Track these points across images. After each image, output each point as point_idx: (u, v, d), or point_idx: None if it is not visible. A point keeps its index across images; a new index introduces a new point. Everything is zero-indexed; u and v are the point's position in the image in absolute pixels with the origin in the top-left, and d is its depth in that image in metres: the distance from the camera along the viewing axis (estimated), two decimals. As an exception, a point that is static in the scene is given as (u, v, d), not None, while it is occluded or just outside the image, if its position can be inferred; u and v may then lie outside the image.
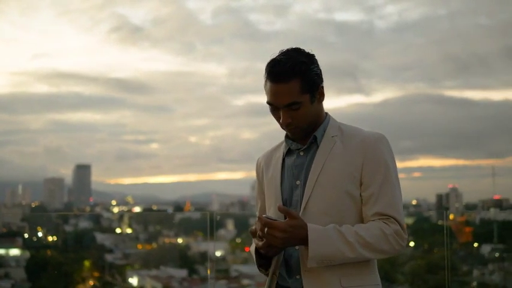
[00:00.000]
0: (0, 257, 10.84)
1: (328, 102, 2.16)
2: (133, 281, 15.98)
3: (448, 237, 5.66)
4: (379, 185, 2.03)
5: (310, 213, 2.03)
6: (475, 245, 11.28)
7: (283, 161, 2.20)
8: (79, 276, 11.75)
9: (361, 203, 2.06)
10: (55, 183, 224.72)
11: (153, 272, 16.43)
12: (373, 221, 2.02)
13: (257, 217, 2.34)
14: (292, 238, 1.94)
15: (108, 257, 15.84)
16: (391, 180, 2.06)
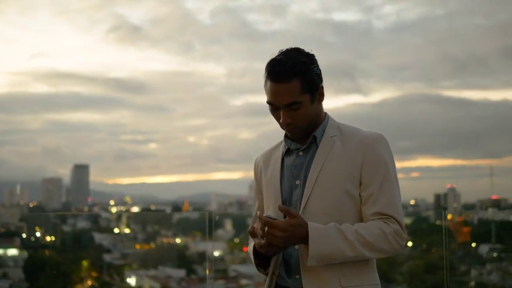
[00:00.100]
0: (-1, 257, 10.83)
1: (326, 102, 2.17)
2: (131, 281, 15.96)
3: (446, 237, 5.66)
4: (378, 185, 2.04)
5: (310, 213, 2.02)
6: (473, 245, 11.29)
7: (283, 160, 2.20)
8: (77, 276, 11.74)
9: (360, 203, 2.06)
10: (53, 183, 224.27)
11: (151, 272, 16.42)
12: (373, 220, 2.02)
13: (253, 217, 2.35)
14: (293, 237, 1.94)
15: (106, 257, 15.82)
16: (390, 180, 2.06)
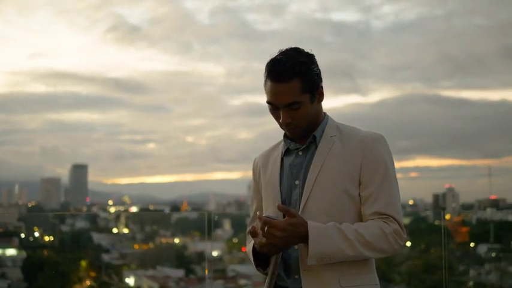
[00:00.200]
0: (-3, 257, 10.81)
1: (325, 102, 2.15)
2: (130, 281, 15.95)
3: (445, 237, 5.66)
4: (378, 185, 2.04)
5: (309, 213, 2.02)
6: (472, 244, 11.29)
7: (282, 160, 2.20)
8: (76, 276, 11.72)
9: (360, 203, 2.06)
10: (52, 183, 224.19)
11: (150, 272, 16.42)
12: (373, 220, 2.02)
13: (251, 217, 2.35)
14: (292, 236, 1.94)
15: (105, 257, 15.81)
16: (390, 180, 2.06)
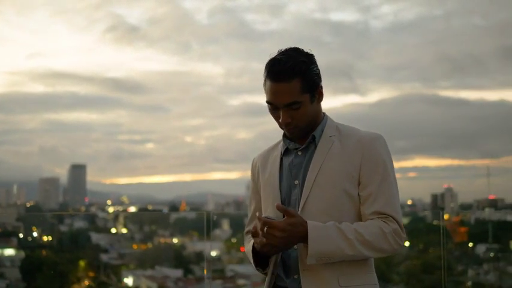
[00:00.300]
0: (-5, 257, 10.80)
1: (324, 102, 2.16)
2: (128, 281, 15.95)
3: (444, 237, 5.66)
4: (377, 185, 2.04)
5: (309, 213, 2.02)
6: (470, 244, 11.30)
7: (281, 160, 2.20)
8: (74, 276, 11.72)
9: (359, 203, 2.07)
10: (50, 183, 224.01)
11: (148, 272, 16.41)
12: (372, 219, 2.02)
13: (249, 218, 2.35)
14: (292, 236, 1.94)
15: (104, 257, 15.81)
16: (389, 179, 2.06)
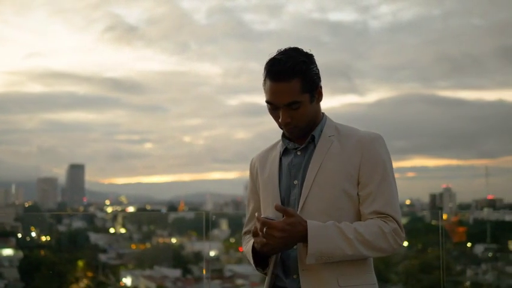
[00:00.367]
0: (-6, 257, 10.79)
1: (322, 102, 2.16)
2: (127, 281, 15.96)
3: (442, 237, 5.66)
4: (376, 184, 2.04)
5: (308, 213, 2.02)
6: (469, 244, 11.30)
7: (280, 160, 2.20)
8: (73, 276, 11.73)
9: (358, 202, 2.07)
10: (48, 183, 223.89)
11: (147, 272, 16.41)
12: (372, 219, 2.02)
13: (247, 218, 2.35)
14: (292, 236, 1.93)
15: (102, 257, 15.82)
16: (388, 179, 2.07)
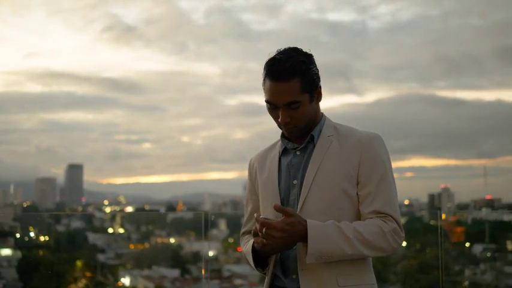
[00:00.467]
0: (-8, 257, 10.78)
1: (321, 102, 2.16)
2: (125, 281, 15.96)
3: (441, 237, 5.66)
4: (376, 184, 2.04)
5: (307, 213, 2.02)
6: (467, 244, 11.31)
7: (279, 160, 2.20)
8: (71, 276, 11.72)
9: (357, 202, 2.07)
10: (47, 183, 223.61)
11: (146, 272, 16.44)
12: (371, 218, 2.02)
13: (245, 218, 2.34)
14: (291, 236, 1.93)
15: (101, 257, 15.83)
16: (387, 179, 2.07)
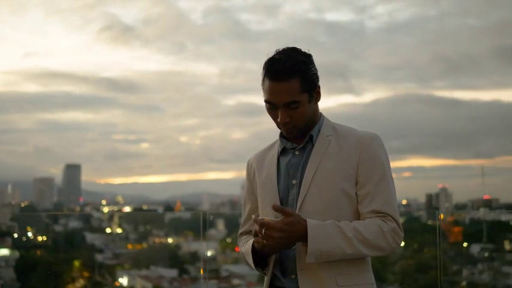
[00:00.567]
0: (-10, 257, 10.76)
1: (319, 102, 2.16)
2: (123, 281, 15.93)
3: (440, 237, 5.67)
4: (375, 184, 2.04)
5: (306, 212, 2.02)
6: (465, 244, 11.33)
7: (278, 160, 2.20)
8: (69, 276, 11.69)
9: (356, 202, 2.07)
10: (45, 182, 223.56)
11: (143, 272, 16.41)
12: (371, 218, 2.02)
13: (244, 219, 2.34)
14: (291, 236, 1.93)
15: (98, 257, 15.78)
16: (386, 179, 2.07)
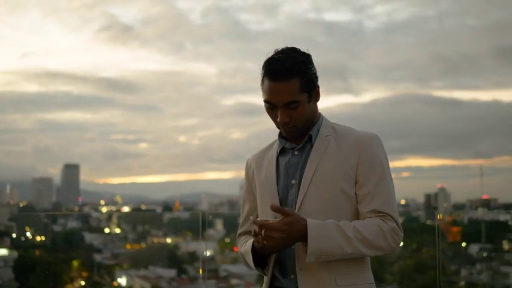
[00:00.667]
0: (-12, 257, 10.76)
1: (318, 102, 2.15)
2: (122, 280, 15.94)
3: (438, 237, 5.67)
4: (374, 184, 2.05)
5: (306, 212, 2.02)
6: (463, 244, 11.33)
7: (277, 160, 2.20)
8: (67, 276, 11.72)
9: (356, 202, 2.07)
10: (43, 182, 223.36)
11: (142, 271, 16.42)
12: (370, 218, 2.02)
13: (243, 219, 2.34)
14: (290, 236, 1.93)
15: (97, 257, 15.80)
16: (386, 179, 2.07)
